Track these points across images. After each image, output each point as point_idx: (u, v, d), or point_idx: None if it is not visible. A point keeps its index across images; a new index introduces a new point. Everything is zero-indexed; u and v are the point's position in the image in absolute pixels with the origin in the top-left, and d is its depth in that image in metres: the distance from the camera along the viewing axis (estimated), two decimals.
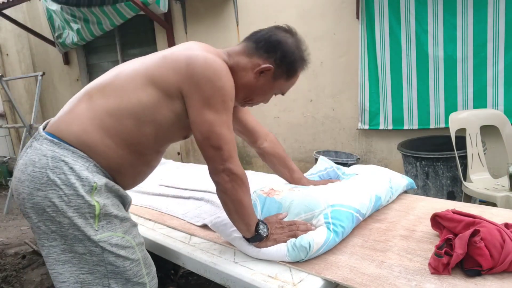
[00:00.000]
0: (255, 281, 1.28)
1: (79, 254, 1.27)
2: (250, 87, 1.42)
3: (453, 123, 2.80)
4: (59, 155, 1.22)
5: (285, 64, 1.39)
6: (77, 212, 1.22)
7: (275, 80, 1.42)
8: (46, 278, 2.87)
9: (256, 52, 1.39)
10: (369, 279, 1.19)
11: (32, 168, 1.23)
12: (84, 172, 1.23)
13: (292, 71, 1.42)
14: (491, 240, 1.15)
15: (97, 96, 1.31)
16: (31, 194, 1.23)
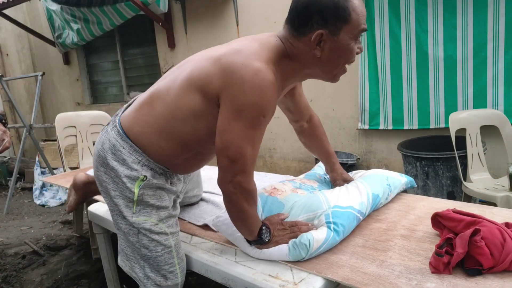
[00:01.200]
0: (256, 280, 1.28)
1: (122, 231, 1.49)
2: (324, 60, 1.32)
3: (453, 123, 2.80)
4: (119, 146, 1.42)
5: (330, 16, 1.23)
6: (121, 194, 1.43)
7: (338, 34, 1.25)
8: (46, 278, 2.87)
9: (299, 30, 1.29)
10: (370, 279, 1.19)
11: (100, 146, 1.47)
12: (134, 164, 1.41)
13: (343, 12, 1.23)
14: (492, 239, 1.15)
15: (157, 102, 1.41)
16: (96, 167, 1.49)
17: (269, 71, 1.23)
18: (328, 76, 1.40)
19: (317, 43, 1.27)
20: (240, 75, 1.20)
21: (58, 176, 3.14)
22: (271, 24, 4.33)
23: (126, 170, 1.41)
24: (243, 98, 1.20)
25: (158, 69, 5.50)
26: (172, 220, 1.52)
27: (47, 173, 5.15)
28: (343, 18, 1.23)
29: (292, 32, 1.31)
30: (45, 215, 4.53)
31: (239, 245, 1.48)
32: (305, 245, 1.32)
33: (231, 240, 1.51)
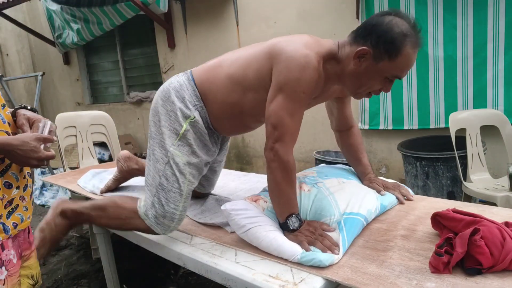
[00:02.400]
0: (256, 280, 1.28)
1: (154, 158, 1.63)
2: (355, 74, 1.44)
3: (453, 123, 2.80)
4: (185, 87, 1.64)
5: (382, 43, 1.34)
6: (170, 126, 1.61)
7: (378, 62, 1.37)
8: (46, 278, 2.87)
9: (355, 39, 1.42)
10: (370, 279, 1.19)
11: (167, 85, 1.68)
12: (190, 105, 1.62)
13: (393, 49, 1.33)
14: (492, 239, 1.15)
15: (225, 63, 1.65)
16: (156, 100, 1.67)
17: (315, 59, 1.39)
18: (351, 90, 1.52)
19: (359, 56, 1.39)
20: (289, 55, 1.40)
21: (58, 176, 3.13)
22: (271, 24, 4.33)
23: (182, 107, 1.61)
24: (288, 74, 1.38)
25: (158, 69, 5.50)
26: (196, 171, 1.66)
27: (47, 173, 5.15)
28: (390, 54, 1.34)
29: (351, 37, 1.44)
30: (45, 215, 4.51)
31: (250, 234, 1.49)
32: (317, 263, 1.31)
33: (240, 231, 1.51)
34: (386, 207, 1.72)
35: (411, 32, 1.34)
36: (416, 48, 1.36)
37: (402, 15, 1.38)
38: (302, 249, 1.36)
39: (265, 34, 4.40)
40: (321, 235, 1.42)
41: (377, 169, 4.00)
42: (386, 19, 1.36)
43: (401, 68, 1.37)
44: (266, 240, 1.42)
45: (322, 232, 1.44)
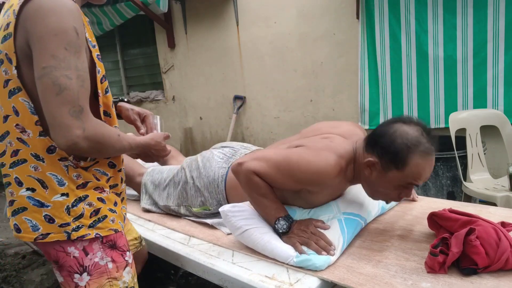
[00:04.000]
0: (252, 281, 1.28)
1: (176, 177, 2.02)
2: (369, 182, 1.43)
3: (453, 123, 2.79)
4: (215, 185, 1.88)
5: (387, 155, 1.33)
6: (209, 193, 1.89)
7: (387, 172, 1.35)
8: (46, 278, 2.88)
9: (366, 147, 1.41)
10: (365, 279, 1.19)
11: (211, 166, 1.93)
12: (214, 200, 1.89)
13: (398, 161, 1.31)
14: (487, 239, 1.15)
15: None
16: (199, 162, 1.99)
17: (332, 161, 1.39)
18: (368, 193, 1.49)
19: (368, 166, 1.38)
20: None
21: None
22: (271, 24, 4.33)
23: (205, 198, 1.89)
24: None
25: (158, 69, 5.50)
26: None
27: None
28: (396, 165, 1.31)
29: (364, 144, 1.43)
30: None
31: (246, 236, 1.49)
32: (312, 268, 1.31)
33: (237, 232, 1.51)
34: (385, 209, 1.72)
35: (417, 142, 1.29)
36: (427, 156, 1.30)
37: (411, 122, 1.35)
38: (296, 251, 1.35)
39: (265, 34, 4.40)
40: (314, 233, 1.40)
41: None
42: (391, 129, 1.34)
43: (414, 177, 1.32)
44: (261, 243, 1.43)
45: (315, 230, 1.41)
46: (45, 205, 1.12)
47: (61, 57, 1.01)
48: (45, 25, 1.00)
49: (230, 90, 4.85)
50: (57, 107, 1.01)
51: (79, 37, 1.04)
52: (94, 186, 1.19)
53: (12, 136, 1.12)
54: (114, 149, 1.16)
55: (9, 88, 1.09)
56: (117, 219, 1.23)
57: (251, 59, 4.60)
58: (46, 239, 1.12)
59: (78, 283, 1.17)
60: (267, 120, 4.64)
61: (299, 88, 4.33)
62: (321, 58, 4.09)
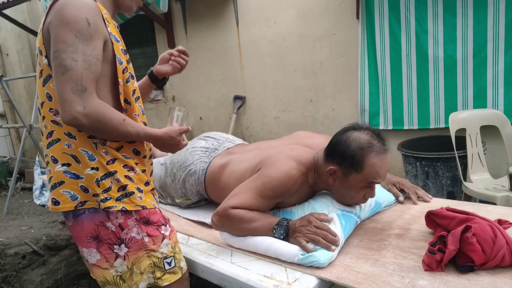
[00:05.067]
0: (250, 281, 1.28)
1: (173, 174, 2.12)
2: (335, 188, 1.56)
3: (453, 123, 2.79)
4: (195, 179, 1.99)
5: (345, 161, 1.46)
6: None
7: (348, 176, 1.48)
8: (46, 278, 2.88)
9: (326, 158, 1.54)
10: (363, 277, 1.19)
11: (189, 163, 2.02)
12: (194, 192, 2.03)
13: (356, 163, 1.44)
14: (483, 236, 1.15)
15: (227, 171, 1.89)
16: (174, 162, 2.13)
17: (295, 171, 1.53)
18: (338, 199, 1.59)
19: (331, 174, 1.51)
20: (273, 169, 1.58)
21: None
22: (271, 24, 4.33)
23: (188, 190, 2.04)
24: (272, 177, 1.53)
25: None
26: None
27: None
28: (355, 168, 1.45)
29: (324, 155, 1.56)
30: (45, 215, 4.54)
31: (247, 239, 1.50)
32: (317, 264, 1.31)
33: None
34: (381, 205, 1.71)
35: (370, 143, 1.45)
36: (380, 155, 1.45)
37: (361, 128, 1.51)
38: (303, 250, 1.34)
39: (265, 34, 4.40)
40: (319, 227, 1.38)
41: None
42: (344, 137, 1.49)
43: (372, 176, 1.45)
44: (264, 245, 1.43)
45: (319, 223, 1.40)
46: (80, 177, 1.25)
47: (70, 42, 1.15)
48: (60, 16, 1.16)
49: (230, 90, 4.85)
50: (62, 84, 1.15)
51: (90, 27, 1.18)
52: (123, 163, 1.31)
53: (47, 120, 1.27)
54: (117, 131, 1.23)
55: (43, 78, 1.26)
56: (145, 197, 1.35)
57: (251, 59, 4.60)
58: (85, 206, 1.26)
59: (118, 253, 1.30)
60: (267, 120, 4.64)
61: (299, 88, 4.33)
62: (321, 58, 4.09)
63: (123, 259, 1.30)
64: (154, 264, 1.34)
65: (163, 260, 1.35)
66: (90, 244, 1.30)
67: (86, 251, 1.32)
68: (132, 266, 1.31)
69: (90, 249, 1.31)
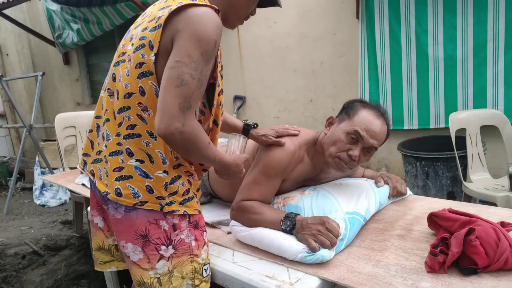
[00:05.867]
0: (252, 281, 1.28)
1: None
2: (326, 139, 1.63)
3: (453, 123, 2.79)
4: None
5: (345, 109, 1.65)
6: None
7: (340, 123, 1.61)
8: (46, 278, 2.88)
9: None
10: (365, 278, 1.19)
11: None
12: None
13: (351, 111, 1.60)
14: (486, 239, 1.15)
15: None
16: None
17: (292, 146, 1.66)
18: (328, 157, 1.62)
19: (328, 124, 1.68)
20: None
21: (58, 175, 3.14)
22: (271, 24, 4.33)
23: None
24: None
25: None
26: None
27: (47, 173, 5.16)
28: (348, 114, 1.60)
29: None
30: (45, 215, 4.53)
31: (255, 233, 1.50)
32: (319, 260, 1.31)
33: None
34: (382, 204, 1.72)
35: (370, 105, 1.63)
36: (374, 114, 1.57)
37: (370, 104, 1.65)
38: (307, 248, 1.33)
39: (265, 34, 4.40)
40: (331, 230, 1.36)
41: (377, 169, 4.00)
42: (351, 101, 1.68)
43: (359, 125, 1.55)
44: (268, 239, 1.43)
45: (333, 227, 1.37)
46: (150, 176, 1.25)
47: (195, 59, 1.15)
48: (195, 30, 1.15)
49: (230, 90, 4.85)
50: (172, 96, 1.14)
51: (215, 50, 1.20)
52: (185, 169, 1.33)
53: (132, 111, 1.25)
54: (200, 153, 1.25)
55: (142, 70, 1.22)
56: (198, 202, 1.39)
57: (251, 59, 4.60)
58: (143, 206, 1.26)
59: (163, 254, 1.29)
60: (267, 120, 4.64)
61: (299, 88, 4.33)
62: (321, 58, 4.09)
63: (166, 261, 1.29)
64: (195, 270, 1.33)
65: (203, 266, 1.35)
66: (138, 241, 1.29)
67: (132, 247, 1.30)
68: (173, 269, 1.29)
69: (136, 246, 1.29)
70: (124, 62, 1.28)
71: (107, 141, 1.31)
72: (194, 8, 1.17)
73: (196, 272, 1.33)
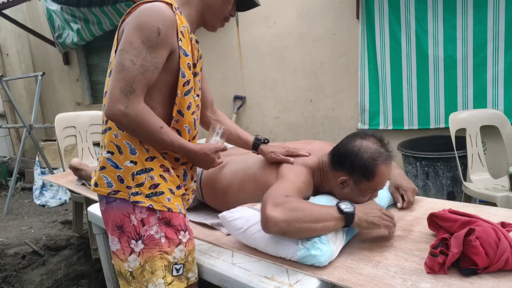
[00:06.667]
0: (252, 282, 1.28)
1: None
2: (343, 195, 1.57)
3: (453, 123, 2.79)
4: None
5: (357, 170, 1.49)
6: None
7: (358, 185, 1.52)
8: (46, 278, 2.88)
9: (334, 166, 1.58)
10: (365, 279, 1.19)
11: None
12: None
13: (368, 173, 1.48)
14: (486, 239, 1.15)
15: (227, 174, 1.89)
16: None
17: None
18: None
19: (341, 183, 1.55)
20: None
21: (58, 175, 3.14)
22: (271, 24, 4.32)
23: None
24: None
25: None
26: None
27: (47, 173, 5.16)
28: (367, 177, 1.49)
29: (330, 162, 1.60)
30: (45, 215, 4.54)
31: (246, 238, 1.48)
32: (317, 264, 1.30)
33: (236, 235, 1.52)
34: (383, 207, 1.72)
35: (379, 152, 1.49)
36: (388, 163, 1.51)
37: (367, 136, 1.57)
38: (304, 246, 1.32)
39: (265, 34, 4.40)
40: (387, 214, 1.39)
41: None
42: (355, 147, 1.51)
43: (381, 183, 1.52)
44: (263, 240, 1.42)
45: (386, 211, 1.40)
46: (119, 167, 1.33)
47: (135, 46, 1.24)
48: (137, 19, 1.25)
49: (230, 90, 4.84)
50: (115, 81, 1.24)
51: (159, 37, 1.25)
52: (160, 163, 1.36)
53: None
54: (152, 136, 1.30)
55: (110, 68, 1.35)
56: (174, 200, 1.38)
57: (251, 59, 4.60)
58: (117, 195, 1.33)
59: (134, 248, 1.33)
60: (267, 120, 4.63)
61: (299, 88, 4.33)
62: (321, 58, 4.09)
63: (137, 255, 1.33)
64: (165, 267, 1.35)
65: (173, 265, 1.36)
66: (114, 232, 1.35)
67: (110, 238, 1.38)
68: (145, 264, 1.33)
69: (113, 237, 1.36)
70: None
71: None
72: (144, 5, 1.27)
73: (167, 270, 1.35)
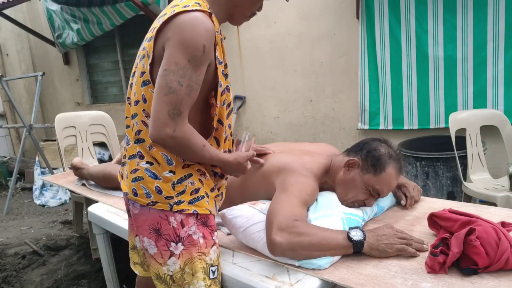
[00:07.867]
0: (252, 281, 1.28)
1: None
2: (343, 182, 1.60)
3: (453, 123, 2.79)
4: None
5: (370, 158, 1.54)
6: None
7: (364, 174, 1.55)
8: (46, 278, 2.88)
9: (349, 153, 1.64)
10: (366, 279, 1.19)
11: None
12: None
13: (378, 165, 1.52)
14: (487, 239, 1.15)
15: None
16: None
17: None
18: (340, 198, 1.62)
19: (348, 165, 1.59)
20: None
21: (58, 176, 3.14)
22: (271, 24, 4.33)
23: None
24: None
25: None
26: None
27: (47, 173, 5.16)
28: (375, 169, 1.54)
29: (345, 153, 1.67)
30: (45, 215, 4.53)
31: (244, 238, 1.49)
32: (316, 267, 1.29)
33: (237, 235, 1.52)
34: (383, 208, 1.72)
35: (396, 156, 1.57)
36: (398, 172, 1.57)
37: (389, 144, 1.63)
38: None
39: (265, 34, 4.40)
40: (404, 237, 1.35)
41: None
42: (378, 144, 1.60)
43: (383, 184, 1.54)
44: (262, 242, 1.41)
45: (401, 233, 1.36)
46: (158, 177, 1.31)
47: (182, 66, 1.18)
48: (182, 37, 1.18)
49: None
50: (160, 104, 1.19)
51: (204, 54, 1.21)
52: (197, 168, 1.36)
53: (139, 118, 1.32)
54: (195, 155, 1.29)
55: (144, 79, 1.30)
56: (210, 203, 1.39)
57: (251, 59, 4.60)
58: (155, 206, 1.31)
59: (173, 251, 1.32)
60: (267, 120, 4.64)
61: (299, 88, 4.33)
62: (321, 58, 4.09)
63: (177, 258, 1.32)
64: (203, 269, 1.33)
65: (210, 267, 1.35)
66: (151, 235, 1.34)
67: (147, 241, 1.35)
68: (185, 266, 1.32)
69: (150, 240, 1.34)
70: (136, 72, 1.37)
71: (127, 146, 1.40)
72: (183, 15, 1.20)
73: (205, 272, 1.33)
